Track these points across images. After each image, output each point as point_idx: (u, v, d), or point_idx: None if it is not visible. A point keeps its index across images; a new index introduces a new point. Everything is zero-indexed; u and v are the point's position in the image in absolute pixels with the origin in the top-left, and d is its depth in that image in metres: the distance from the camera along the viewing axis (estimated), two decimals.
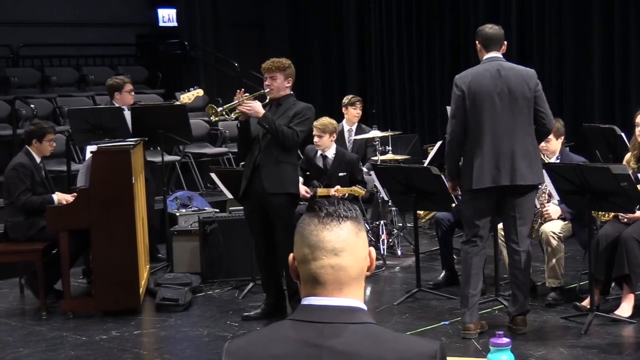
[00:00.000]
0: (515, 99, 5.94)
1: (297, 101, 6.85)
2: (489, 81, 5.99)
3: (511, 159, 5.92)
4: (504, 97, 5.94)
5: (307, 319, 2.05)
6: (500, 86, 5.95)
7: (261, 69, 6.83)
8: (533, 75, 6.03)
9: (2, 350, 6.46)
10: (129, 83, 8.97)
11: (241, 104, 6.62)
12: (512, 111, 5.94)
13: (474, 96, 6.00)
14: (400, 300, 7.26)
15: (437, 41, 13.47)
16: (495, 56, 6.09)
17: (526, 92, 5.95)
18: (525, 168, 5.94)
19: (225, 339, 6.25)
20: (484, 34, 6.14)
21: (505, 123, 5.94)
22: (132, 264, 7.21)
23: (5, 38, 13.03)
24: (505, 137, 5.93)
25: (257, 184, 6.72)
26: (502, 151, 5.92)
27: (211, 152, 11.98)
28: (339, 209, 2.11)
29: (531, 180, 6.00)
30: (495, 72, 6.00)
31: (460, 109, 6.06)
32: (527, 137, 5.98)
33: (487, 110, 5.96)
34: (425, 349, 2.04)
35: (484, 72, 6.05)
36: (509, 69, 6.04)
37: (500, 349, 3.00)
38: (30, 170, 7.55)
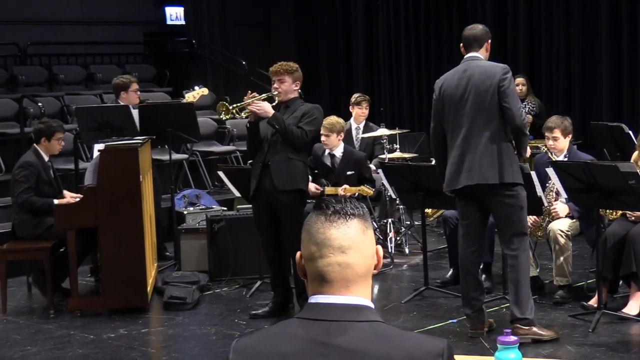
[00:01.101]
0: (479, 97, 5.84)
1: (305, 103, 6.90)
2: (455, 82, 5.96)
3: (474, 158, 5.83)
4: (468, 97, 5.87)
5: (315, 317, 2.05)
6: (464, 86, 5.90)
7: (269, 72, 6.86)
8: (498, 71, 5.86)
9: (10, 348, 6.47)
10: (135, 82, 8.96)
11: (251, 104, 6.65)
12: (476, 110, 5.84)
13: (444, 99, 6.01)
14: (408, 299, 7.26)
15: (445, 39, 13.45)
16: (471, 56, 6.04)
17: (490, 88, 5.80)
18: (487, 167, 5.80)
19: (232, 337, 6.25)
20: (463, 35, 6.15)
21: (470, 122, 5.85)
22: (139, 263, 7.22)
23: (13, 36, 13.05)
24: (470, 136, 5.85)
25: (266, 182, 6.73)
26: (467, 151, 5.85)
27: (219, 151, 11.98)
28: (346, 207, 2.11)
29: (493, 179, 5.80)
30: (462, 73, 5.97)
31: (436, 113, 6.09)
32: (493, 135, 5.81)
33: (454, 111, 5.94)
34: (433, 347, 2.03)
35: (454, 74, 6.04)
36: (475, 67, 5.95)
37: (508, 347, 2.99)
38: (37, 169, 7.56)
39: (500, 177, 5.81)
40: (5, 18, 12.96)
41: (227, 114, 6.83)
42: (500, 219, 5.95)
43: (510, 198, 5.88)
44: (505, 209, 5.89)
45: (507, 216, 5.91)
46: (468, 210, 6.05)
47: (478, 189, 5.86)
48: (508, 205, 5.88)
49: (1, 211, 9.50)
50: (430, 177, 7.17)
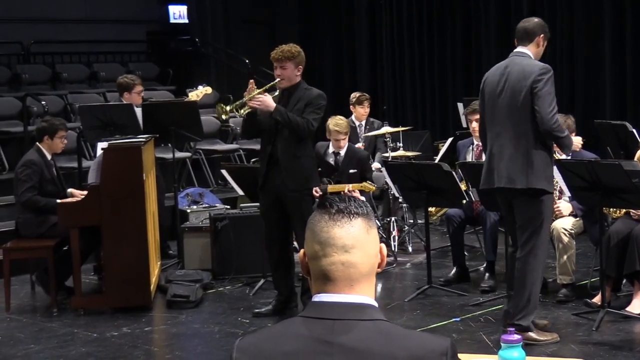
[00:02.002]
0: (513, 97, 5.68)
1: (309, 87, 6.81)
2: (495, 78, 5.83)
3: (503, 159, 5.70)
4: (504, 95, 5.74)
5: (318, 316, 2.05)
6: (502, 83, 5.76)
7: (271, 58, 6.76)
8: (535, 71, 5.64)
9: (14, 346, 6.48)
10: (139, 84, 8.91)
11: (251, 100, 6.60)
12: (510, 109, 5.70)
13: (484, 93, 5.92)
14: (411, 297, 7.26)
15: (449, 37, 13.45)
16: (517, 51, 5.86)
17: (523, 89, 5.63)
18: (515, 170, 5.67)
19: (236, 335, 6.25)
20: (517, 29, 5.92)
21: (504, 122, 5.73)
22: (142, 261, 7.22)
23: (17, 35, 13.05)
24: (503, 136, 5.73)
25: (275, 179, 6.69)
26: (498, 151, 5.75)
27: (222, 149, 11.98)
28: (350, 206, 2.11)
29: (521, 183, 5.66)
30: (503, 69, 5.82)
31: (480, 107, 6.02)
32: (525, 137, 5.65)
33: (491, 108, 5.84)
34: (436, 346, 2.03)
35: (496, 69, 5.90)
36: (516, 64, 5.77)
37: (512, 346, 2.99)
38: (40, 168, 7.56)
39: (528, 182, 5.66)
40: (9, 16, 12.96)
41: (226, 115, 6.81)
42: (520, 224, 5.81)
43: (534, 205, 5.73)
44: (527, 215, 5.76)
45: (526, 223, 5.77)
46: (504, 210, 5.99)
47: (511, 192, 5.76)
48: (530, 212, 5.74)
49: (5, 209, 9.51)
50: (434, 176, 7.17)
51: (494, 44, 12.76)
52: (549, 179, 5.74)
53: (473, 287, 7.52)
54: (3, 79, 12.45)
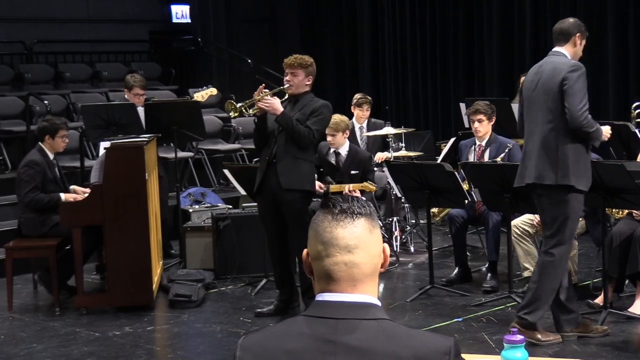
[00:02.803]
0: (545, 94, 5.72)
1: (315, 98, 6.84)
2: (530, 78, 5.89)
3: (533, 156, 5.74)
4: (538, 92, 5.77)
5: (321, 315, 2.06)
6: (536, 81, 5.80)
7: (283, 64, 6.80)
8: (565, 68, 5.67)
9: (16, 345, 6.48)
10: (138, 87, 8.88)
11: (260, 100, 6.63)
12: (542, 107, 5.73)
13: (523, 92, 5.97)
14: (413, 297, 7.26)
15: (451, 37, 13.44)
16: (553, 51, 5.88)
17: (554, 86, 5.66)
18: (544, 166, 5.68)
19: (238, 335, 6.25)
20: (554, 29, 5.94)
21: (536, 119, 5.76)
22: (145, 260, 7.22)
23: (19, 34, 13.07)
24: (535, 134, 5.75)
25: (272, 179, 6.71)
26: (530, 148, 5.78)
27: (224, 149, 11.98)
28: (353, 206, 2.11)
29: (549, 179, 5.66)
30: (538, 67, 5.87)
31: (519, 108, 6.06)
32: (556, 134, 5.66)
33: (527, 106, 5.88)
34: (440, 345, 2.03)
35: (533, 69, 5.95)
36: (549, 62, 5.81)
37: (515, 346, 2.99)
38: (42, 168, 7.55)
39: (556, 179, 5.65)
40: (12, 16, 12.98)
41: (235, 112, 6.81)
42: (545, 220, 5.84)
43: (560, 202, 5.70)
44: (552, 212, 5.74)
45: (552, 220, 5.75)
46: (539, 208, 5.94)
47: (535, 187, 5.77)
48: (555, 210, 5.73)
49: (8, 208, 9.52)
50: (436, 176, 7.17)
51: (496, 44, 12.75)
52: (578, 176, 5.67)
53: (475, 287, 7.52)
54: (6, 78, 12.46)
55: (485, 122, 7.66)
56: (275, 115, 6.62)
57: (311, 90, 6.87)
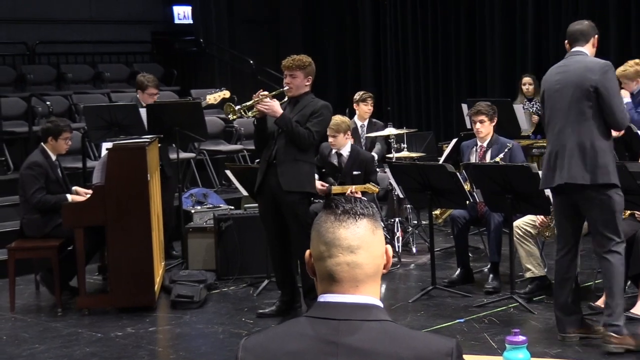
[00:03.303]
0: (575, 94, 5.64)
1: (315, 98, 6.83)
2: (555, 77, 5.83)
3: (565, 156, 5.65)
4: (565, 92, 5.69)
5: (323, 316, 2.06)
6: (562, 80, 5.73)
7: (281, 66, 6.80)
8: (598, 68, 5.64)
9: (18, 346, 6.49)
10: (153, 87, 8.94)
11: (259, 103, 6.62)
12: (572, 106, 5.65)
13: (544, 94, 5.90)
14: (415, 298, 7.26)
15: (453, 38, 13.44)
16: (575, 50, 5.83)
17: (586, 85, 5.60)
18: (578, 166, 5.60)
19: (240, 336, 6.26)
20: (569, 30, 5.89)
21: (565, 119, 5.68)
22: (147, 261, 7.23)
23: (22, 35, 13.08)
24: (564, 133, 5.67)
25: (272, 180, 6.71)
26: (560, 148, 5.69)
27: (226, 149, 11.99)
28: (356, 207, 2.11)
29: (584, 179, 5.59)
30: (563, 67, 5.82)
31: (542, 109, 6.00)
32: (588, 133, 5.60)
33: (551, 106, 5.82)
34: (442, 347, 2.03)
35: (556, 68, 5.90)
36: (576, 61, 5.75)
37: (517, 347, 2.99)
38: (44, 169, 7.56)
39: (592, 178, 5.60)
40: (14, 17, 12.99)
41: (234, 114, 6.81)
42: (591, 221, 5.75)
43: (601, 200, 5.63)
44: (596, 210, 5.67)
45: (597, 218, 5.68)
46: (561, 210, 5.90)
47: (569, 188, 5.69)
48: (598, 207, 5.65)
49: (10, 209, 9.52)
50: (438, 177, 7.17)
51: (498, 45, 12.75)
52: (614, 172, 5.65)
53: (477, 288, 7.52)
54: (8, 79, 12.48)
55: (486, 122, 7.66)
56: (275, 117, 6.62)
57: (311, 91, 6.86)
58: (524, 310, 6.75)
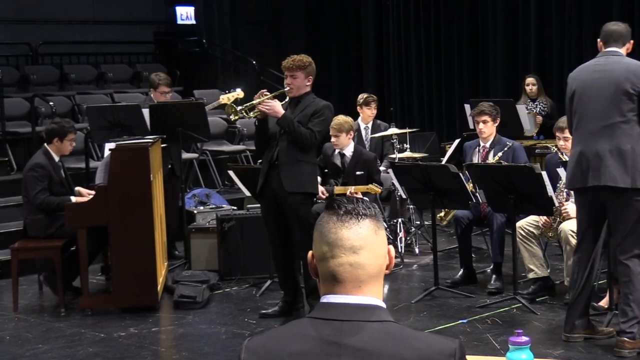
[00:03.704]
0: (617, 95, 5.54)
1: (316, 98, 6.83)
2: (588, 75, 5.70)
3: (600, 158, 5.54)
4: (603, 92, 5.58)
5: (326, 317, 2.05)
6: (601, 80, 5.61)
7: (282, 67, 6.80)
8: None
9: (22, 346, 6.49)
10: (164, 85, 8.99)
11: (261, 103, 6.62)
12: (611, 107, 5.54)
13: (574, 92, 5.75)
14: (418, 299, 7.25)
15: (456, 39, 13.43)
16: (612, 50, 5.71)
17: (628, 88, 5.51)
18: (618, 169, 5.50)
19: (243, 336, 6.26)
20: (605, 30, 5.79)
21: (603, 119, 5.56)
22: (150, 261, 7.23)
23: (25, 36, 13.09)
24: (602, 134, 5.56)
25: (274, 181, 6.71)
26: (592, 150, 5.57)
27: (229, 150, 11.99)
28: (358, 207, 2.11)
29: (624, 182, 5.48)
30: (602, 66, 5.69)
31: (567, 107, 5.87)
32: (628, 136, 5.51)
33: (582, 106, 5.68)
34: (445, 347, 2.03)
35: (589, 67, 5.77)
36: (617, 62, 5.64)
37: (520, 348, 2.98)
38: (47, 171, 7.55)
39: (632, 182, 5.50)
40: (17, 18, 13.00)
41: (236, 115, 6.81)
42: (622, 224, 5.62)
43: (631, 206, 5.57)
44: (630, 215, 5.58)
45: (628, 223, 5.59)
46: (587, 211, 5.78)
47: (605, 191, 5.58)
48: (632, 212, 5.58)
49: (13, 209, 9.53)
50: (441, 177, 7.17)
51: (501, 46, 12.74)
52: None
53: (480, 288, 7.51)
54: (11, 79, 12.47)
55: (489, 123, 7.65)
56: (277, 118, 6.62)
57: (312, 91, 6.85)
58: (526, 311, 6.75)
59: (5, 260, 8.40)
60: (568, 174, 5.81)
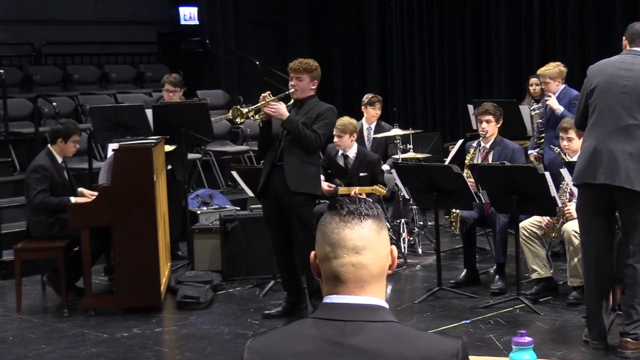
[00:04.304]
0: (638, 95, 5.50)
1: (320, 102, 6.85)
2: (614, 71, 5.62)
3: (616, 158, 5.46)
4: (624, 92, 5.52)
5: (329, 317, 2.05)
6: (624, 79, 5.54)
7: (288, 68, 6.81)
8: None
9: (25, 346, 6.50)
10: (167, 83, 9.10)
11: (266, 106, 6.63)
12: (630, 107, 5.50)
13: (594, 86, 5.67)
14: (421, 299, 7.25)
15: (459, 39, 13.43)
16: (636, 50, 5.64)
17: None
18: (634, 171, 5.44)
19: (246, 336, 6.26)
20: (632, 29, 5.70)
21: (624, 117, 5.50)
22: (153, 262, 7.23)
23: (28, 36, 13.10)
24: (620, 132, 5.49)
25: (276, 181, 6.71)
26: (608, 148, 5.50)
27: (232, 150, 12.00)
28: (360, 207, 2.10)
29: (639, 185, 5.43)
30: (628, 64, 5.62)
31: (581, 98, 5.78)
32: None
33: (602, 103, 5.60)
34: (448, 347, 2.03)
35: (613, 63, 5.68)
36: None
37: (523, 348, 2.98)
38: (50, 173, 7.54)
39: None
40: (20, 18, 13.01)
41: (241, 118, 6.83)
42: (634, 229, 5.57)
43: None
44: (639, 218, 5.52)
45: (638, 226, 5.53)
46: (593, 206, 5.69)
47: (617, 192, 5.51)
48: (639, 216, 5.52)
49: (16, 210, 9.53)
50: (444, 177, 7.16)
51: (504, 46, 12.74)
52: None
53: (483, 289, 7.51)
54: (14, 80, 12.48)
55: (492, 123, 7.66)
56: (281, 120, 6.63)
57: (316, 94, 6.88)
58: (530, 311, 6.74)
59: (8, 260, 8.41)
60: (578, 167, 5.70)
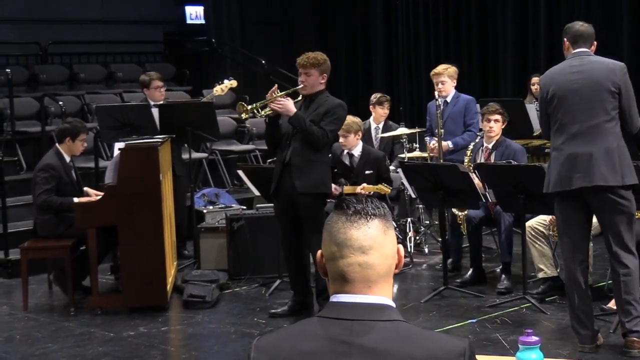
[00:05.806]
0: (599, 94, 5.53)
1: (330, 97, 6.79)
2: (565, 77, 5.66)
3: (588, 160, 5.48)
4: (585, 93, 5.55)
5: (336, 317, 2.05)
6: (581, 81, 5.58)
7: (296, 64, 6.75)
8: (619, 69, 5.57)
9: (31, 345, 6.51)
10: (157, 80, 8.99)
11: (273, 102, 6.59)
12: (593, 107, 5.53)
13: (552, 95, 5.69)
14: (427, 298, 7.25)
15: (465, 38, 13.43)
16: (584, 51, 5.68)
17: (611, 86, 5.51)
18: (607, 167, 5.46)
19: (252, 335, 6.26)
20: (573, 30, 5.74)
21: (585, 119, 5.53)
22: (159, 261, 7.24)
23: (35, 36, 13.12)
24: (585, 135, 5.52)
25: (287, 182, 6.69)
26: (578, 152, 5.52)
27: (238, 149, 12.00)
28: (367, 207, 2.10)
29: (614, 180, 5.46)
30: (577, 67, 5.65)
31: (542, 111, 5.84)
32: (612, 134, 5.52)
33: (564, 108, 5.63)
34: (454, 347, 2.03)
35: (563, 69, 5.73)
36: (593, 62, 5.62)
37: (530, 348, 2.98)
38: (58, 172, 7.55)
39: (622, 179, 5.49)
40: (27, 17, 13.04)
41: (247, 114, 6.78)
42: (614, 223, 5.59)
43: (626, 202, 5.55)
44: (618, 213, 5.56)
45: (620, 221, 5.57)
46: (574, 215, 5.69)
47: (593, 191, 5.53)
48: (621, 210, 5.56)
49: (23, 209, 9.55)
50: (450, 177, 7.16)
51: (510, 45, 12.73)
52: (635, 174, 5.60)
53: (489, 288, 7.50)
54: (21, 79, 12.52)
55: (500, 123, 7.66)
56: (288, 116, 6.60)
57: (326, 88, 6.83)
58: (536, 311, 6.74)
59: (15, 259, 8.43)
60: (552, 177, 5.69)
